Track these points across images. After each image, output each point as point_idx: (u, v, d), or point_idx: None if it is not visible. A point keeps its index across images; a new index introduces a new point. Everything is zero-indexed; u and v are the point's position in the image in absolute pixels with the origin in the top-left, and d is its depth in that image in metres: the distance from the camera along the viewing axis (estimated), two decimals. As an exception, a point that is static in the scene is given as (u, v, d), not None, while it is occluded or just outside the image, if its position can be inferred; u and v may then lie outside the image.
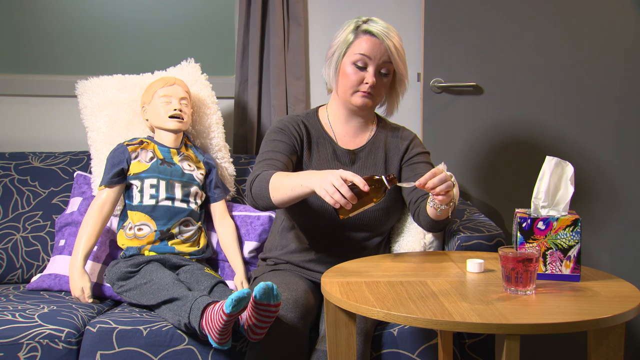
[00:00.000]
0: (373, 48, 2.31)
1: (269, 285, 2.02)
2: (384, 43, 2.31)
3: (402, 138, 2.46)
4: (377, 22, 2.35)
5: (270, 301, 2.03)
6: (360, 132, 2.45)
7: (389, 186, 2.03)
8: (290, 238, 2.42)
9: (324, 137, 2.42)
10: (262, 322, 2.07)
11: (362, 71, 2.32)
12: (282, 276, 2.34)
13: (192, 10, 3.25)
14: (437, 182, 2.04)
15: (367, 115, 2.45)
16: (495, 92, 3.08)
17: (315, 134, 2.42)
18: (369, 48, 2.31)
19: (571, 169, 1.99)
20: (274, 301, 2.04)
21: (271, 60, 3.04)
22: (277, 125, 2.42)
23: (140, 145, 2.63)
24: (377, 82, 2.32)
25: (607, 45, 3.06)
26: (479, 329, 1.65)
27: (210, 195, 2.68)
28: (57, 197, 2.86)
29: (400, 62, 2.33)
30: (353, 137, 2.44)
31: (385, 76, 2.34)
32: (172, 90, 2.65)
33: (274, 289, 2.03)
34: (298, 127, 2.40)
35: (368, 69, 2.31)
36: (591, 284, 1.95)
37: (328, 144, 2.42)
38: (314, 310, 2.27)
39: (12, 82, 3.17)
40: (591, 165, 3.08)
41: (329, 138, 2.42)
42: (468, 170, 3.09)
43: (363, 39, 2.33)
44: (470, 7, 3.05)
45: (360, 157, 2.42)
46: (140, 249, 2.52)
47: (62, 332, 2.22)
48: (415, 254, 2.30)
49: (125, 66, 3.18)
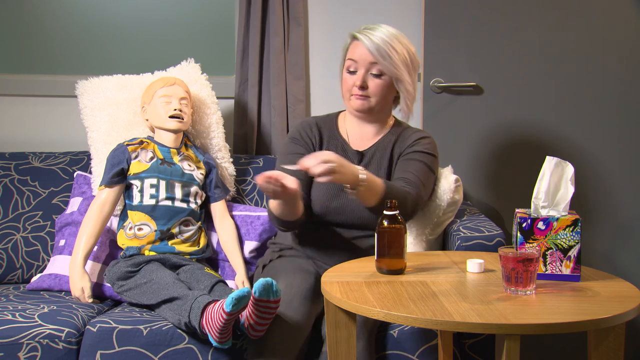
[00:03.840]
0: (359, 52, 2.38)
1: (269, 281, 2.03)
2: (365, 44, 2.36)
3: (410, 138, 2.46)
4: (373, 29, 2.39)
5: (269, 297, 2.04)
6: (374, 135, 2.49)
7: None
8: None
9: (336, 138, 2.49)
10: (262, 319, 2.08)
11: (354, 75, 2.39)
12: (287, 262, 2.38)
13: (192, 10, 3.25)
14: (313, 162, 2.05)
15: (378, 118, 2.47)
16: (495, 92, 3.08)
17: (327, 135, 2.50)
18: (356, 52, 2.39)
19: (571, 169, 1.99)
20: (274, 297, 2.04)
21: (271, 60, 3.04)
22: (291, 134, 2.52)
23: (140, 145, 2.63)
24: (370, 83, 2.37)
25: (607, 45, 3.06)
26: (479, 329, 1.65)
27: (211, 195, 2.68)
28: (57, 197, 2.86)
29: (387, 61, 2.35)
30: (365, 139, 2.49)
31: (377, 77, 2.37)
32: (172, 90, 2.65)
33: (274, 285, 2.04)
34: (310, 131, 2.49)
35: (357, 73, 2.38)
36: (591, 284, 1.95)
37: (339, 144, 2.48)
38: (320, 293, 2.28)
39: (12, 82, 3.17)
40: (591, 165, 3.08)
41: (341, 139, 2.48)
42: (468, 170, 3.09)
43: (352, 45, 2.41)
44: (470, 8, 3.05)
45: (367, 157, 2.45)
46: (141, 249, 2.52)
47: (62, 332, 2.22)
48: (415, 254, 2.30)
49: (125, 66, 3.17)
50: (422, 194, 2.35)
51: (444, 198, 2.44)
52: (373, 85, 2.38)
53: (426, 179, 2.38)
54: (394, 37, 2.37)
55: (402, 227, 2.01)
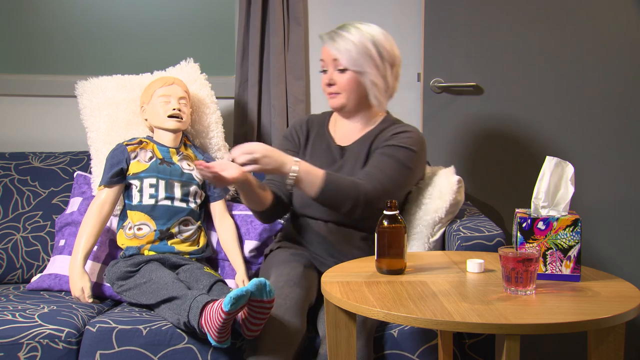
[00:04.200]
0: (324, 51, 2.47)
1: (262, 281, 2.03)
2: (327, 43, 2.44)
3: (390, 132, 2.45)
4: (339, 27, 2.46)
5: (263, 297, 2.04)
6: (359, 130, 2.52)
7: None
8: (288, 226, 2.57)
9: (323, 134, 2.55)
10: (256, 319, 2.08)
11: (325, 74, 2.48)
12: (282, 252, 2.42)
13: (192, 10, 3.25)
14: (238, 152, 2.18)
15: (359, 114, 2.49)
16: (495, 92, 3.08)
17: (316, 132, 2.57)
18: (323, 52, 2.48)
19: (571, 169, 1.99)
20: (267, 297, 2.04)
21: (271, 60, 3.04)
22: (284, 132, 2.66)
23: (140, 145, 2.63)
24: (337, 80, 2.43)
25: (607, 45, 3.06)
26: (479, 329, 1.65)
27: (210, 195, 2.68)
28: (57, 197, 2.86)
29: (345, 55, 2.39)
30: (351, 135, 2.52)
31: (342, 72, 2.42)
32: (171, 90, 2.65)
33: (267, 285, 2.04)
34: (300, 129, 2.59)
35: (327, 71, 2.47)
36: (591, 284, 1.95)
37: (325, 140, 2.54)
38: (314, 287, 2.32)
39: (12, 82, 3.17)
40: (591, 165, 3.08)
41: (327, 136, 2.54)
42: (468, 170, 3.09)
43: (323, 47, 2.49)
44: (470, 8, 3.05)
45: (347, 152, 2.49)
46: (140, 249, 2.52)
47: (62, 332, 2.22)
48: (415, 254, 2.30)
49: (125, 66, 3.18)
50: (382, 188, 2.31)
51: (447, 199, 2.44)
52: (339, 81, 2.42)
53: (393, 173, 2.35)
54: (358, 32, 2.41)
55: (402, 227, 2.01)
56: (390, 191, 2.33)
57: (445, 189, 2.45)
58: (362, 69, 2.40)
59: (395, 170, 2.36)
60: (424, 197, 2.48)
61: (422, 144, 2.44)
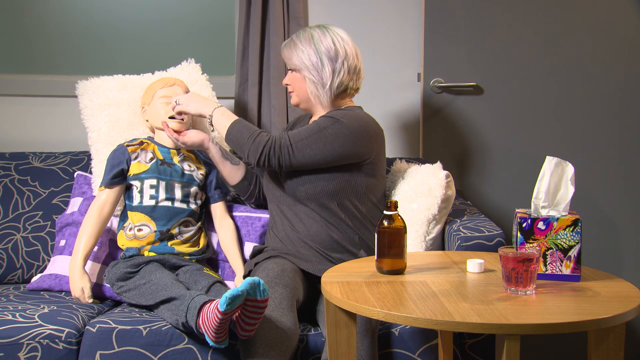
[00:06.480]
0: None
1: (256, 280, 2.02)
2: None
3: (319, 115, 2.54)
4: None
5: (257, 296, 2.03)
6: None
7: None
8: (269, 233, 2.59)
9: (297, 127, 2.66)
10: (250, 319, 2.07)
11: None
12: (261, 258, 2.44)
13: (192, 10, 3.25)
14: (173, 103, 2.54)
15: (317, 108, 2.54)
16: (495, 92, 3.09)
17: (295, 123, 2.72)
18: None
19: (571, 169, 1.99)
20: (261, 296, 2.04)
21: (271, 60, 3.04)
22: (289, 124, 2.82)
23: (140, 146, 2.63)
24: (288, 79, 2.55)
25: (607, 45, 3.06)
26: (479, 329, 1.65)
27: (211, 196, 2.68)
28: (58, 197, 2.86)
29: (287, 55, 2.51)
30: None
31: (291, 71, 2.54)
32: (172, 91, 2.65)
33: (261, 284, 2.03)
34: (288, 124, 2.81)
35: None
36: (591, 284, 1.95)
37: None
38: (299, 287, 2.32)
39: (12, 82, 3.17)
40: (591, 165, 3.08)
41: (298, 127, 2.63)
42: (468, 170, 3.09)
43: None
44: (470, 7, 3.05)
45: None
46: (140, 250, 2.52)
47: (62, 332, 2.22)
48: (415, 254, 2.30)
49: (126, 66, 3.18)
50: (288, 138, 2.39)
51: (437, 194, 2.45)
52: (290, 81, 2.54)
53: (305, 131, 2.42)
54: (302, 32, 2.50)
55: (402, 227, 2.01)
56: (296, 146, 2.39)
57: (434, 185, 2.45)
58: (300, 65, 2.49)
59: (308, 130, 2.42)
60: (414, 196, 2.49)
61: (358, 121, 2.44)
